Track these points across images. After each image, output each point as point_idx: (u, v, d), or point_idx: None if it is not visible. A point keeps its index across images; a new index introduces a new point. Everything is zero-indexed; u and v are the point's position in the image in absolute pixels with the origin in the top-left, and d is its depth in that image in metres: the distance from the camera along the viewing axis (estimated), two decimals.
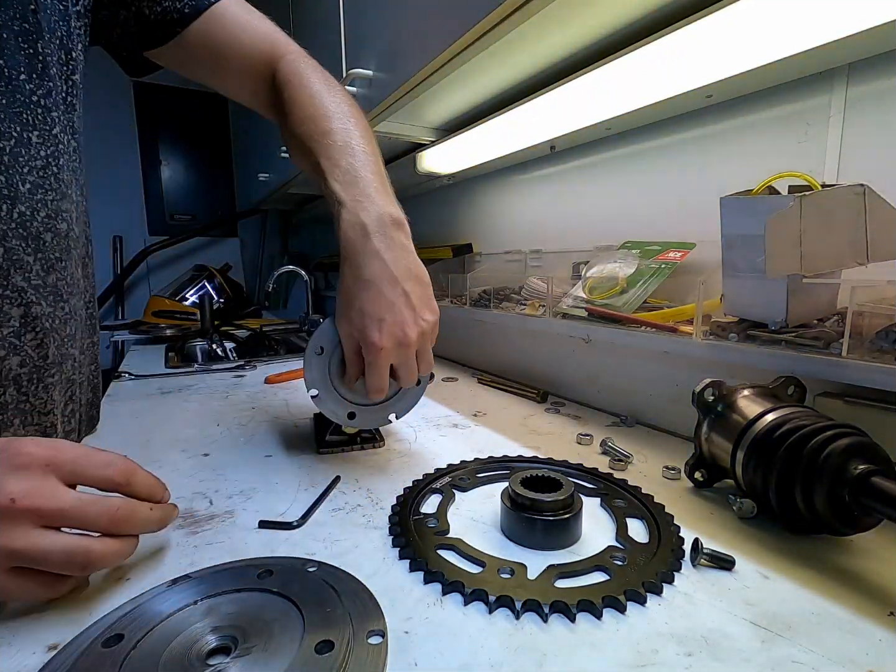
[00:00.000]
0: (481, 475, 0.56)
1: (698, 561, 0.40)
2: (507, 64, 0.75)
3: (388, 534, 0.45)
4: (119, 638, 0.31)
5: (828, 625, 0.34)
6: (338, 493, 0.53)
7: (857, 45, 0.52)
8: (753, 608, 0.35)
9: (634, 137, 0.82)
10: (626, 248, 0.79)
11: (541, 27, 0.62)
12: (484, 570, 0.38)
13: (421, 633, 0.33)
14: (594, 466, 0.57)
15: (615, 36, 0.65)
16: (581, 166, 0.93)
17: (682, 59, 0.60)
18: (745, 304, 0.58)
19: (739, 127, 0.68)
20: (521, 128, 0.88)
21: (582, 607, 0.34)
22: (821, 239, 0.49)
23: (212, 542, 0.44)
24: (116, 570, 0.39)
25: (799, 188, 0.52)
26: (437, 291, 1.21)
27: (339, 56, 1.01)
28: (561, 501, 0.43)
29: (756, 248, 0.51)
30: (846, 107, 0.57)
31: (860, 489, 0.37)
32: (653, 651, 0.31)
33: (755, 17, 0.51)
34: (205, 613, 0.33)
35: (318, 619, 0.32)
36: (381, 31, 0.86)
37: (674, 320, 0.66)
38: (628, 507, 0.48)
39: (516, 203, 1.12)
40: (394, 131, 1.05)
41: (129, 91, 2.44)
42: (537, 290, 0.92)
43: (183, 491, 0.53)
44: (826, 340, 0.50)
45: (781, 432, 0.43)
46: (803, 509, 0.40)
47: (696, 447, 0.53)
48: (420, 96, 0.84)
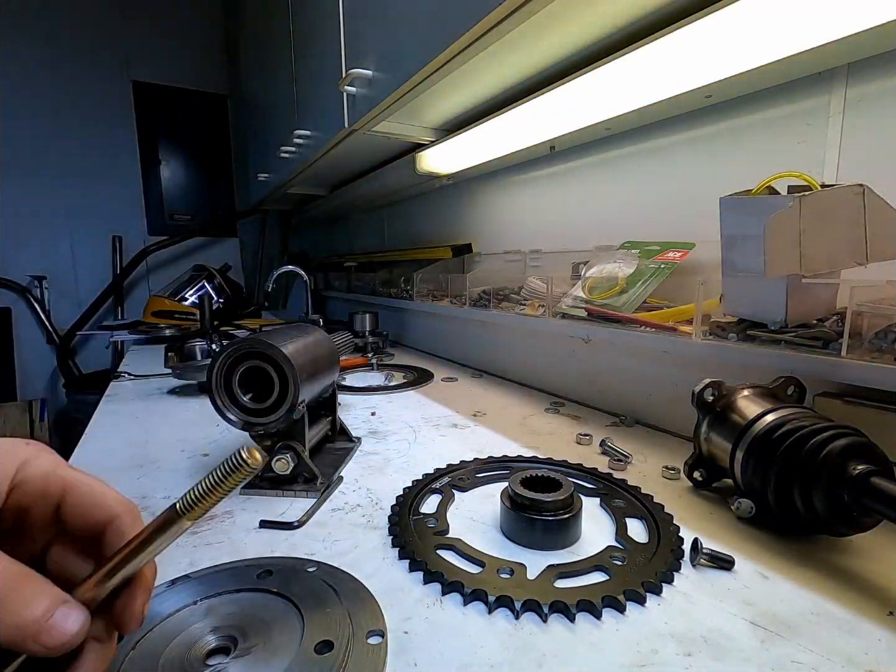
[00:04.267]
0: (481, 475, 0.56)
1: (698, 561, 0.40)
2: (507, 64, 0.75)
3: (387, 534, 0.45)
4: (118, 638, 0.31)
5: (827, 625, 0.34)
6: (338, 493, 0.53)
7: (857, 45, 0.52)
8: (753, 608, 0.35)
9: (634, 137, 0.82)
10: (626, 248, 0.79)
11: (540, 27, 0.62)
12: (483, 570, 0.38)
13: (420, 633, 0.33)
14: (594, 466, 0.57)
15: (615, 36, 0.65)
16: (581, 166, 0.93)
17: (681, 60, 0.60)
18: (744, 304, 0.58)
19: (739, 127, 0.68)
20: (521, 128, 0.88)
21: (581, 607, 0.34)
22: (820, 239, 0.49)
23: (211, 543, 0.43)
24: None
25: (798, 188, 0.52)
26: (437, 291, 1.23)
27: (339, 56, 1.01)
28: (561, 501, 0.43)
29: (755, 248, 0.51)
30: (846, 107, 0.57)
31: (860, 489, 0.37)
32: (652, 651, 0.31)
33: (755, 17, 0.51)
34: (204, 614, 0.33)
35: (318, 619, 0.32)
36: (381, 31, 0.86)
37: (673, 320, 0.66)
38: (628, 506, 0.48)
39: (516, 203, 1.12)
40: (394, 131, 1.05)
41: (129, 91, 2.44)
42: (537, 290, 0.92)
43: (182, 491, 0.53)
44: (825, 340, 0.50)
45: (781, 433, 0.43)
46: (802, 509, 0.40)
47: (696, 447, 0.53)
48: (420, 96, 0.84)
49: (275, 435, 0.55)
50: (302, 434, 0.55)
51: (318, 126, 1.25)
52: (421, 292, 1.24)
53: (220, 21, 2.54)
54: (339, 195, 1.75)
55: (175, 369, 1.00)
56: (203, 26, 2.54)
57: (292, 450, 0.54)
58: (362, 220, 2.00)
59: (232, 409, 0.54)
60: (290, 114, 1.44)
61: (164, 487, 0.54)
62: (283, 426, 0.54)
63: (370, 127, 1.02)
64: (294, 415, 0.52)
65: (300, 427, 0.55)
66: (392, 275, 1.51)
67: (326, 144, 1.21)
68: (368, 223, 1.93)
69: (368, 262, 1.73)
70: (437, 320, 1.32)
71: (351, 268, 1.80)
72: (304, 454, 0.55)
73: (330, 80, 1.06)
